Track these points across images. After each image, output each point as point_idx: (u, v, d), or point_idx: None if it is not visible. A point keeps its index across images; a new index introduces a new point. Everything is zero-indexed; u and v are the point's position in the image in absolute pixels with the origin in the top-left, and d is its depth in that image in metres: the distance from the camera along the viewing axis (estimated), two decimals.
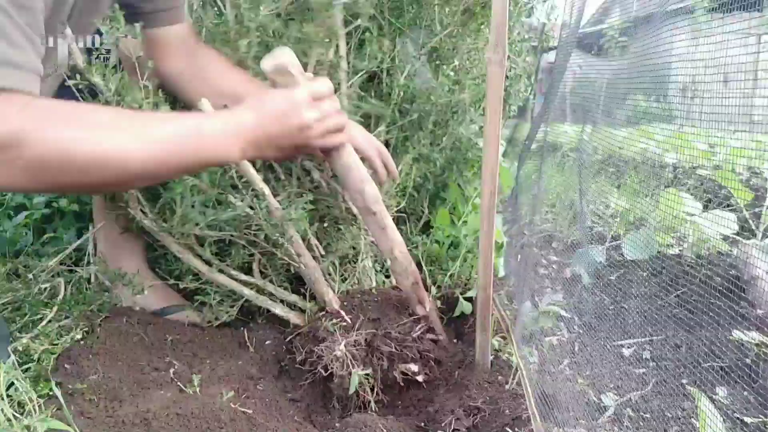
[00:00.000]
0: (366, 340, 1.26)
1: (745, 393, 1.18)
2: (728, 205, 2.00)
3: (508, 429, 1.08)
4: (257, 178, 1.26)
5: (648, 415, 1.15)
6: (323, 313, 1.33)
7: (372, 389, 1.24)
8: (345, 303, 1.34)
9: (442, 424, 1.14)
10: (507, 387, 1.21)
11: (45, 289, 1.37)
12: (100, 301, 1.40)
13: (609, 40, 2.71)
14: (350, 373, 1.21)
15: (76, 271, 1.48)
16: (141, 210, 1.31)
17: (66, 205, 1.78)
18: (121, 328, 1.34)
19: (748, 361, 1.25)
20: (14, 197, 1.81)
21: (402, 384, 1.28)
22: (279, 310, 1.39)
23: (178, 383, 1.19)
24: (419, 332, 1.31)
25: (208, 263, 1.37)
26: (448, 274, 1.67)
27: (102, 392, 1.11)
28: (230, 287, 1.38)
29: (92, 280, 1.46)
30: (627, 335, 1.43)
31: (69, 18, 1.17)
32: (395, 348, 1.26)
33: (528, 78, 2.14)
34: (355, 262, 1.47)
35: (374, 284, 1.48)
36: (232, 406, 1.12)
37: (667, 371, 1.28)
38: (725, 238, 1.76)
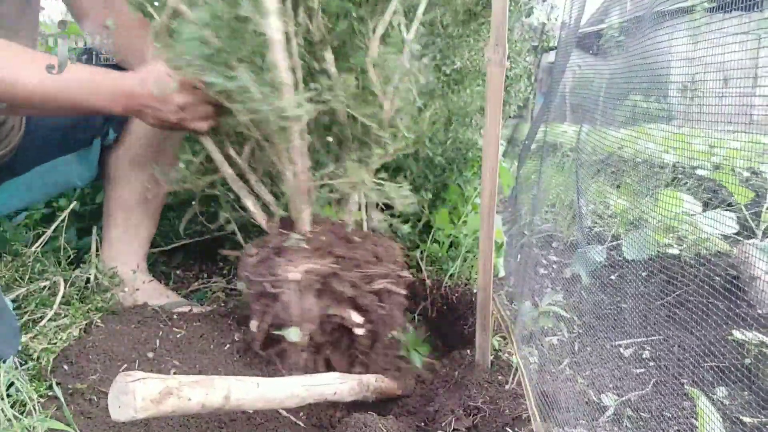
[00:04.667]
0: (323, 273, 1.21)
1: (745, 393, 1.18)
2: (728, 205, 2.00)
3: (508, 429, 1.09)
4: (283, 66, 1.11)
5: (648, 415, 1.15)
6: (287, 231, 1.26)
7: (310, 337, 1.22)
8: (316, 229, 1.27)
9: (442, 424, 1.14)
10: (507, 387, 1.21)
11: (44, 288, 1.37)
12: (100, 300, 1.40)
13: (608, 40, 2.71)
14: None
15: (75, 271, 1.47)
16: None
17: (65, 205, 1.78)
18: (121, 329, 1.34)
19: (747, 361, 1.25)
20: None
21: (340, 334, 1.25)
22: (250, 203, 1.32)
23: None
24: (381, 285, 1.25)
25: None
26: (448, 274, 1.67)
27: (102, 392, 1.11)
28: (214, 158, 1.30)
29: (92, 280, 1.46)
30: (627, 335, 1.44)
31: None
32: (348, 292, 1.22)
33: (528, 78, 2.13)
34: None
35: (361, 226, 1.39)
36: None
37: (666, 371, 1.28)
38: (725, 238, 1.76)
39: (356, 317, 1.24)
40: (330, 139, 1.32)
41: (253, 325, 1.27)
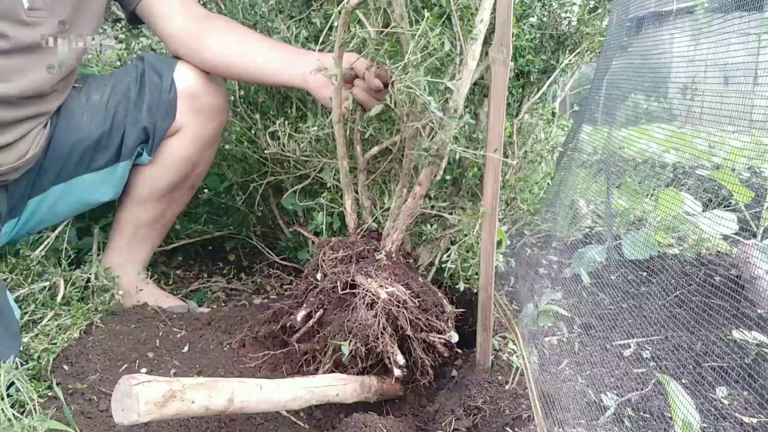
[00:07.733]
0: (399, 302, 1.19)
1: (745, 393, 1.18)
2: (728, 205, 2.00)
3: (508, 429, 1.09)
4: None
5: (648, 415, 1.15)
6: (374, 246, 1.27)
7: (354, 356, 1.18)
8: (398, 253, 1.28)
9: (442, 424, 1.15)
10: (507, 387, 1.21)
11: (45, 288, 1.37)
12: (100, 300, 1.40)
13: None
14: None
15: (76, 272, 1.47)
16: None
17: None
18: (120, 329, 1.34)
19: (747, 361, 1.25)
20: None
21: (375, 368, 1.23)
22: (349, 201, 1.32)
23: None
24: (435, 339, 1.24)
25: None
26: (449, 273, 1.66)
27: (102, 392, 1.11)
28: (338, 145, 1.29)
29: (92, 280, 1.46)
30: (627, 335, 1.43)
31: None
32: (408, 330, 1.19)
33: None
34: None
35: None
36: None
37: (667, 371, 1.28)
38: (725, 238, 1.76)
39: (401, 359, 1.20)
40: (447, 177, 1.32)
41: (300, 315, 1.24)
